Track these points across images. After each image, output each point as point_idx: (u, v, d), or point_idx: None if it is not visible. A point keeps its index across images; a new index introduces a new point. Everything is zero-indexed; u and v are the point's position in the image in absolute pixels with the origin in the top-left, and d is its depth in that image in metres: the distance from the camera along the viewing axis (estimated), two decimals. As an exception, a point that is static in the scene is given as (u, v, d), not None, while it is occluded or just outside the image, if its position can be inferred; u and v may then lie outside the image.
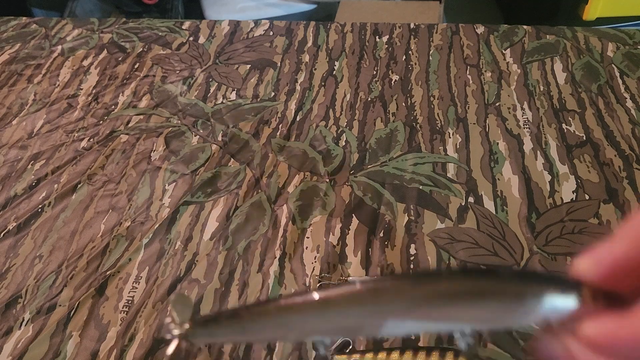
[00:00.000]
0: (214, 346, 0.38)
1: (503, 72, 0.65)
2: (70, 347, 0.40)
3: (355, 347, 0.39)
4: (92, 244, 0.47)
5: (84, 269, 0.45)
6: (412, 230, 0.47)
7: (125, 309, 0.42)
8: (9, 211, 0.51)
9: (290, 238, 0.47)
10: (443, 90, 0.63)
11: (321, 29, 0.75)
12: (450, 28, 0.73)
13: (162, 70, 0.69)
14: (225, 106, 0.63)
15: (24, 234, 0.49)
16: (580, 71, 0.64)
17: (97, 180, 0.54)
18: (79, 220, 0.50)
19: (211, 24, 0.78)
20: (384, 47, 0.70)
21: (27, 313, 0.43)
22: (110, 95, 0.65)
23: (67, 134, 0.60)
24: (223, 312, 0.21)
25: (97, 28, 0.78)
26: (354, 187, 0.51)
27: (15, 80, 0.69)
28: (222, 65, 0.69)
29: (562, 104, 0.60)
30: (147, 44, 0.74)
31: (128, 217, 0.50)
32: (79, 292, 0.44)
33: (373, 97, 0.62)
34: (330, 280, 0.43)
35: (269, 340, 0.21)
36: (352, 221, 0.48)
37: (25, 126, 0.61)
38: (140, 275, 0.45)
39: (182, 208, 0.50)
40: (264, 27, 0.77)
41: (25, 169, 0.56)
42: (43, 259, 0.47)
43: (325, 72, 0.67)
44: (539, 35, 0.70)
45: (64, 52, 0.73)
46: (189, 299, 0.23)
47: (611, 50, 0.67)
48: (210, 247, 0.47)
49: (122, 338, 0.41)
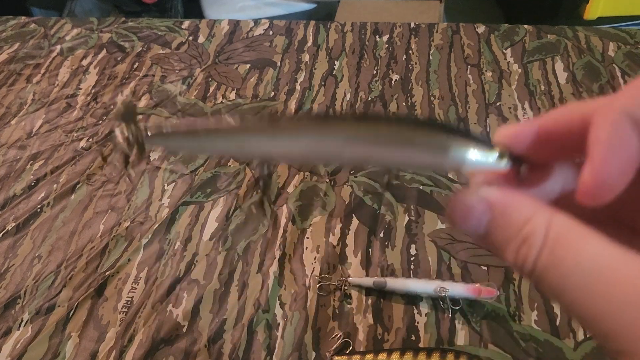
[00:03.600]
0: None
1: (504, 71, 0.64)
2: (70, 348, 0.40)
3: (355, 349, 0.39)
4: (91, 245, 0.47)
5: (83, 270, 0.45)
6: (412, 230, 0.46)
7: (125, 309, 0.42)
8: (8, 211, 0.51)
9: (290, 238, 0.46)
10: (443, 90, 0.62)
11: (321, 28, 0.75)
12: (451, 27, 0.73)
13: (162, 69, 0.69)
14: (224, 106, 0.62)
15: (23, 234, 0.49)
16: (581, 71, 0.64)
17: (96, 180, 0.54)
18: (78, 220, 0.50)
19: (211, 24, 0.78)
20: (384, 47, 0.70)
21: (26, 313, 0.43)
22: (110, 95, 0.65)
23: (66, 134, 0.60)
24: (181, 123, 0.22)
25: (96, 27, 0.78)
26: (354, 187, 0.51)
27: (14, 80, 0.69)
28: (221, 64, 0.69)
29: (564, 103, 0.59)
30: (147, 44, 0.74)
31: (127, 217, 0.49)
32: (78, 292, 0.44)
33: (373, 97, 0.62)
34: (330, 281, 0.43)
35: (221, 154, 0.22)
36: (352, 221, 0.48)
37: (24, 126, 0.61)
38: (140, 276, 0.44)
39: (182, 208, 0.50)
40: (263, 26, 0.76)
41: (24, 169, 0.55)
42: (42, 259, 0.47)
43: (325, 72, 0.67)
44: (539, 34, 0.70)
45: (63, 52, 0.73)
46: (135, 106, 0.24)
47: (612, 49, 0.67)
48: (209, 247, 0.46)
49: (122, 339, 0.41)
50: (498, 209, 0.17)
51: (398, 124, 0.18)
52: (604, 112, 0.16)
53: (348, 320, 0.41)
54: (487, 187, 0.18)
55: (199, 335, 0.40)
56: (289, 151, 0.19)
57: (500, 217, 0.17)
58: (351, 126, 0.18)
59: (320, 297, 0.42)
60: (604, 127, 0.16)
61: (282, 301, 0.42)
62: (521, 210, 0.17)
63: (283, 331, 0.40)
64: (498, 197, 0.17)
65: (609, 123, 0.16)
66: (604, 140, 0.16)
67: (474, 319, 0.40)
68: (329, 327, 0.40)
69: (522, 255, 0.16)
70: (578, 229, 0.15)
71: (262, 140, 0.19)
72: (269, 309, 0.42)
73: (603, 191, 0.16)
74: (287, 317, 0.41)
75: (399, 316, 0.41)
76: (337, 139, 0.18)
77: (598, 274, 0.14)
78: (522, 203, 0.17)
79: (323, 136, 0.18)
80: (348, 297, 0.42)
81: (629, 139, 0.16)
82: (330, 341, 0.39)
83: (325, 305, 0.42)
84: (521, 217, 0.16)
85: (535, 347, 0.38)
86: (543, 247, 0.15)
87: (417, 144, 0.18)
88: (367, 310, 0.41)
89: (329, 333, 0.40)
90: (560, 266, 0.15)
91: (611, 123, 0.16)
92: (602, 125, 0.16)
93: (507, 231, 0.17)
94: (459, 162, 0.18)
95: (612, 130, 0.16)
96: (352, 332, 0.40)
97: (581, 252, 0.15)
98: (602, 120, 0.16)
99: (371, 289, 0.42)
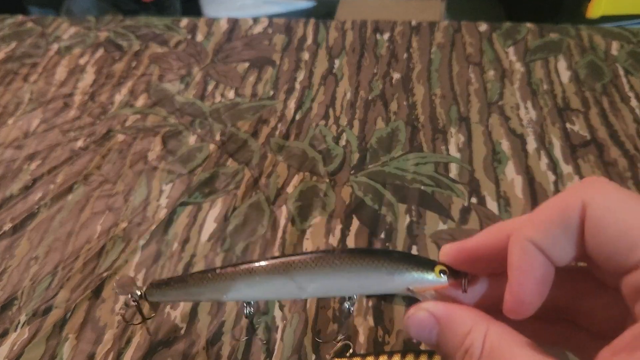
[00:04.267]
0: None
1: (506, 70, 0.64)
2: (67, 350, 0.40)
3: (355, 351, 0.38)
4: (89, 245, 0.47)
5: (80, 271, 0.45)
6: (413, 231, 0.46)
7: (122, 311, 0.42)
8: (5, 212, 0.51)
9: (290, 239, 0.46)
10: (445, 89, 0.62)
11: (321, 26, 0.74)
12: (452, 26, 0.72)
13: (160, 68, 0.68)
14: (223, 105, 0.62)
15: (20, 235, 0.48)
16: (584, 70, 0.63)
17: (93, 180, 0.53)
18: (75, 221, 0.49)
19: (209, 22, 0.77)
20: (385, 45, 0.70)
21: (23, 315, 0.42)
22: (107, 94, 0.65)
23: (63, 134, 0.59)
24: (173, 278, 0.27)
25: (93, 26, 0.78)
26: (355, 187, 0.50)
27: (11, 80, 0.68)
28: (220, 63, 0.69)
29: (566, 103, 0.59)
30: (144, 42, 0.73)
31: (125, 218, 0.49)
32: (75, 294, 0.43)
33: (374, 96, 0.62)
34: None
35: (211, 300, 0.31)
36: (352, 222, 0.47)
37: (21, 126, 0.61)
38: (137, 277, 0.44)
39: (180, 209, 0.49)
40: (262, 24, 0.76)
41: (21, 169, 0.55)
42: (39, 260, 0.46)
43: (325, 71, 0.66)
44: (542, 33, 0.70)
45: (60, 51, 0.73)
46: (132, 279, 0.31)
47: (615, 48, 0.66)
48: (208, 248, 0.46)
49: (119, 341, 0.40)
50: (443, 322, 0.20)
51: (350, 258, 0.22)
52: (514, 240, 0.19)
53: (348, 322, 0.40)
54: (433, 303, 0.21)
55: (197, 337, 0.40)
56: (262, 293, 0.23)
57: (445, 329, 0.20)
58: (309, 268, 0.22)
59: (319, 299, 0.42)
60: (515, 253, 0.19)
61: (281, 303, 0.42)
62: (463, 323, 0.19)
63: (282, 333, 0.40)
64: (442, 312, 0.20)
65: (518, 250, 0.19)
66: (516, 265, 0.19)
67: (475, 321, 0.39)
68: (329, 329, 0.40)
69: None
70: (509, 340, 0.18)
71: (239, 285, 0.23)
72: (268, 311, 0.41)
73: (523, 308, 0.19)
74: (286, 319, 0.41)
75: (400, 318, 0.40)
76: (299, 281, 0.22)
77: None
78: (463, 316, 0.19)
79: (287, 280, 0.22)
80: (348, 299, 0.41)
81: (536, 263, 0.18)
82: (330, 344, 0.39)
83: (325, 307, 0.41)
84: (463, 329, 0.19)
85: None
86: (480, 357, 0.18)
87: (369, 276, 0.21)
88: (367, 312, 0.41)
89: (329, 335, 0.39)
90: None
91: (520, 250, 0.18)
92: (513, 252, 0.19)
93: (452, 342, 0.19)
94: (406, 284, 0.21)
95: (521, 257, 0.18)
96: (353, 334, 0.39)
97: (510, 358, 0.17)
98: (512, 246, 0.19)
99: (372, 290, 0.41)
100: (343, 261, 0.22)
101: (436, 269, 0.21)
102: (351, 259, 0.22)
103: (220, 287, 0.23)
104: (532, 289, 0.18)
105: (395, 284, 0.21)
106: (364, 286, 0.22)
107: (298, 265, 0.22)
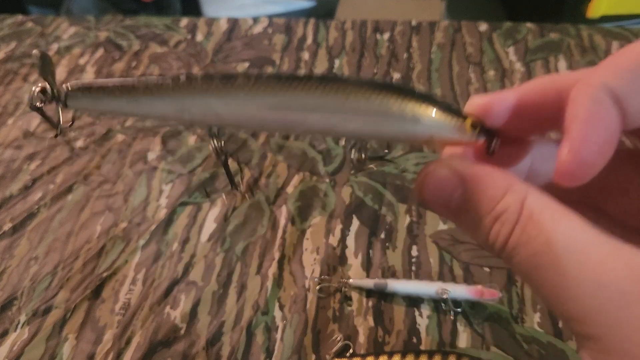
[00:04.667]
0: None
1: (506, 70, 0.64)
2: (67, 350, 0.40)
3: (355, 351, 0.38)
4: (88, 246, 0.47)
5: (80, 271, 0.45)
6: (413, 231, 0.46)
7: (122, 311, 0.42)
8: (5, 212, 0.50)
9: (290, 239, 0.46)
10: (445, 89, 0.62)
11: (321, 26, 0.74)
12: (453, 25, 0.72)
13: (159, 68, 0.68)
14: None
15: (20, 235, 0.48)
16: (583, 69, 0.63)
17: (93, 180, 0.53)
18: (75, 221, 0.49)
19: (209, 22, 0.77)
20: (385, 45, 0.70)
21: (23, 315, 0.42)
22: (108, 94, 0.65)
23: (62, 134, 0.59)
24: (111, 80, 0.19)
25: (93, 26, 0.78)
26: (355, 187, 0.50)
27: (11, 79, 0.68)
28: (220, 63, 0.69)
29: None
30: (144, 42, 0.73)
31: (124, 218, 0.49)
32: (75, 294, 0.43)
33: (374, 96, 0.62)
34: (330, 283, 0.42)
35: (161, 117, 0.20)
36: (352, 222, 0.47)
37: (20, 126, 0.61)
38: (137, 277, 0.44)
39: (179, 209, 0.49)
40: (262, 24, 0.76)
41: (20, 169, 0.55)
42: (39, 260, 0.46)
43: (325, 70, 0.66)
44: (542, 33, 0.70)
45: (60, 51, 0.73)
46: (51, 59, 0.21)
47: (615, 48, 0.66)
48: (207, 248, 0.46)
49: (119, 341, 0.40)
50: (471, 183, 0.16)
51: (368, 88, 0.16)
52: (583, 87, 0.15)
53: (348, 322, 0.40)
54: (460, 160, 0.17)
55: (197, 337, 0.40)
56: (243, 113, 0.17)
57: (473, 192, 0.16)
58: (316, 90, 0.16)
59: (320, 299, 0.41)
60: (582, 103, 0.15)
61: (281, 303, 0.42)
62: (496, 185, 0.16)
63: (282, 333, 0.40)
64: (472, 171, 0.16)
65: (588, 99, 0.15)
66: (583, 117, 0.15)
67: (476, 321, 0.39)
68: (329, 329, 0.40)
69: (494, 232, 0.15)
70: (552, 207, 0.15)
71: (211, 100, 0.16)
72: (268, 311, 0.41)
73: (582, 171, 0.15)
74: (286, 319, 0.41)
75: (400, 318, 0.40)
76: (301, 103, 0.16)
77: (569, 255, 0.14)
78: (496, 178, 0.16)
79: (284, 98, 0.16)
80: (348, 299, 0.41)
81: (609, 115, 0.15)
82: (330, 344, 0.39)
83: (325, 307, 0.41)
84: (495, 193, 0.15)
85: (538, 349, 0.38)
86: (516, 225, 0.15)
87: (388, 111, 0.16)
88: (367, 312, 0.41)
89: (329, 335, 0.39)
90: (531, 245, 0.14)
91: (590, 99, 0.15)
92: (581, 101, 0.15)
93: (480, 207, 0.16)
94: (430, 131, 0.17)
95: (591, 106, 0.15)
96: (353, 334, 0.39)
97: (553, 231, 0.14)
98: (580, 95, 0.15)
99: (372, 290, 0.41)
100: (361, 89, 0.16)
101: (467, 122, 0.17)
102: (372, 87, 0.16)
103: (183, 99, 0.17)
104: (597, 148, 0.15)
105: (419, 128, 0.17)
106: (378, 124, 0.17)
107: (300, 84, 0.16)
